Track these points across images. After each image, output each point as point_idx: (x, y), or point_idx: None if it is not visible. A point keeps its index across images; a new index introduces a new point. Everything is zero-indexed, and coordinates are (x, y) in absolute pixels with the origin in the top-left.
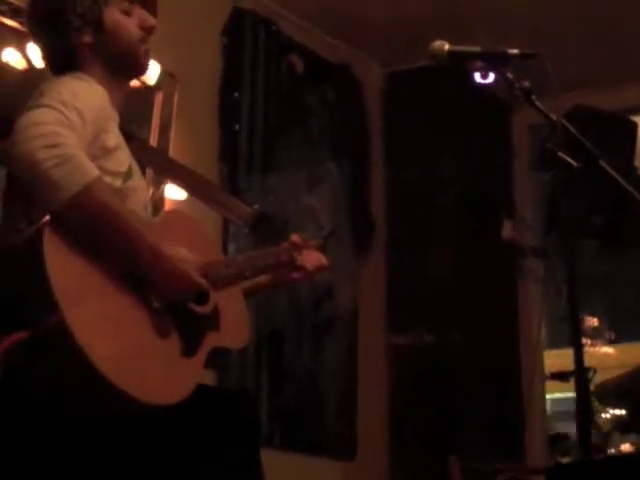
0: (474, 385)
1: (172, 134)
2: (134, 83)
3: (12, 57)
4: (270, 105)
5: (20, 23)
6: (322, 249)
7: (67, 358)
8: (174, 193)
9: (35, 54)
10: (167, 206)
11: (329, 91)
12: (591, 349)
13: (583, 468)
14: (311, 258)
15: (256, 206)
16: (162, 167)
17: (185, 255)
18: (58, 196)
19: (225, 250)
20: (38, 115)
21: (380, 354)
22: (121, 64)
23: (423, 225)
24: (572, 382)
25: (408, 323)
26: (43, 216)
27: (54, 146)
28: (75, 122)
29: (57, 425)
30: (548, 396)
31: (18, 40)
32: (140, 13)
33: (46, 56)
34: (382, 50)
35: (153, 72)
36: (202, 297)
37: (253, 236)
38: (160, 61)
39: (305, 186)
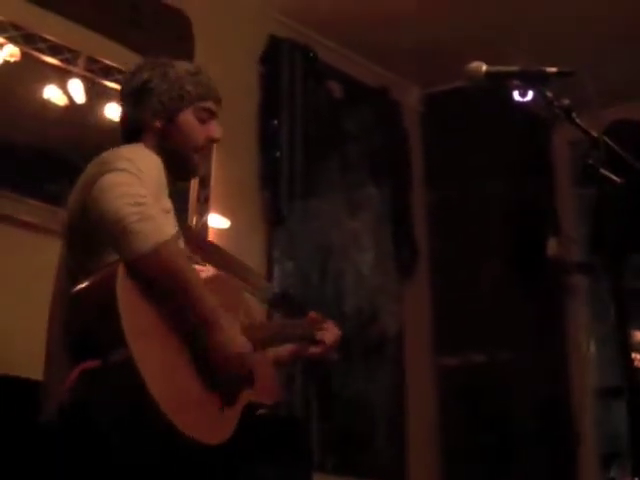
0: (524, 404)
1: (213, 163)
2: None
3: (53, 94)
4: (309, 131)
5: (60, 60)
6: (339, 326)
7: (130, 391)
8: (217, 222)
9: (76, 90)
10: (211, 234)
11: (368, 115)
12: None
13: None
14: (329, 334)
15: (273, 286)
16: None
17: (236, 331)
18: (137, 247)
19: (271, 273)
20: (120, 177)
21: (428, 376)
22: (173, 161)
23: (467, 245)
24: None
25: (456, 344)
26: (116, 261)
27: (137, 204)
28: (149, 185)
29: (114, 452)
30: None
31: (59, 77)
32: (213, 126)
33: (122, 121)
34: (419, 72)
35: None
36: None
37: (298, 263)
38: None
39: (347, 211)
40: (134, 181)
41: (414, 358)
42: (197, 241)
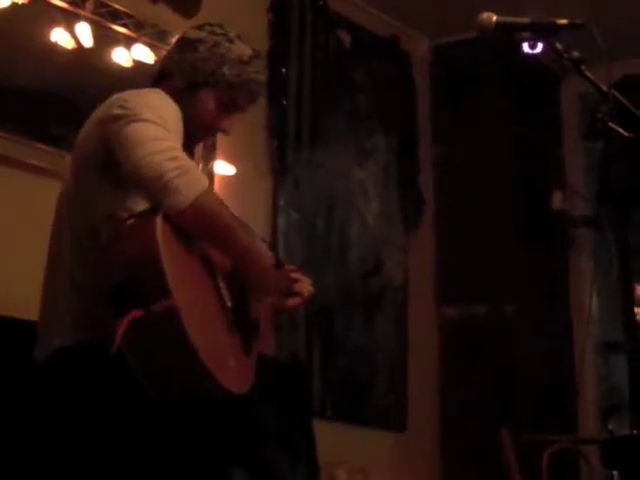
0: (526, 356)
1: None
2: None
3: (61, 37)
4: (317, 80)
5: (68, 3)
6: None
7: (170, 341)
8: (223, 169)
9: (83, 34)
10: (216, 181)
11: (377, 65)
12: None
13: None
14: (305, 285)
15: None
16: None
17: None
18: (179, 202)
19: (275, 223)
20: (147, 131)
21: (430, 326)
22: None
23: (472, 197)
24: None
25: (459, 295)
26: (152, 208)
27: (175, 158)
28: (173, 137)
29: (148, 401)
30: None
31: (67, 20)
32: (228, 119)
33: (162, 59)
34: (429, 23)
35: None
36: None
37: (303, 213)
38: None
39: (354, 160)
40: (165, 134)
41: (417, 308)
42: None
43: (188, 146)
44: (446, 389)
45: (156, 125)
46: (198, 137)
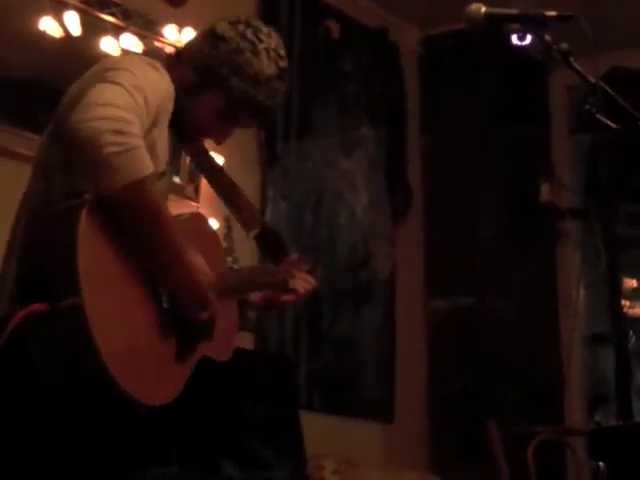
0: (513, 348)
1: None
2: (169, 50)
3: (49, 26)
4: (306, 70)
5: None
6: (312, 274)
7: (75, 341)
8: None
9: (72, 23)
10: None
11: (365, 56)
12: (630, 311)
13: (627, 432)
14: (303, 281)
15: (266, 223)
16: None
17: (204, 267)
18: (112, 182)
19: (264, 213)
20: (110, 94)
21: (418, 318)
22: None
23: (460, 189)
24: None
25: (446, 287)
26: (83, 193)
27: (121, 133)
28: (142, 110)
29: (52, 403)
30: None
31: (55, 9)
32: (222, 132)
33: (188, 42)
34: (418, 14)
35: (189, 39)
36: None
37: (291, 203)
38: (195, 27)
39: (342, 151)
40: (125, 102)
41: (405, 300)
42: (208, 164)
43: (178, 139)
44: (433, 381)
45: (124, 90)
46: (189, 136)
